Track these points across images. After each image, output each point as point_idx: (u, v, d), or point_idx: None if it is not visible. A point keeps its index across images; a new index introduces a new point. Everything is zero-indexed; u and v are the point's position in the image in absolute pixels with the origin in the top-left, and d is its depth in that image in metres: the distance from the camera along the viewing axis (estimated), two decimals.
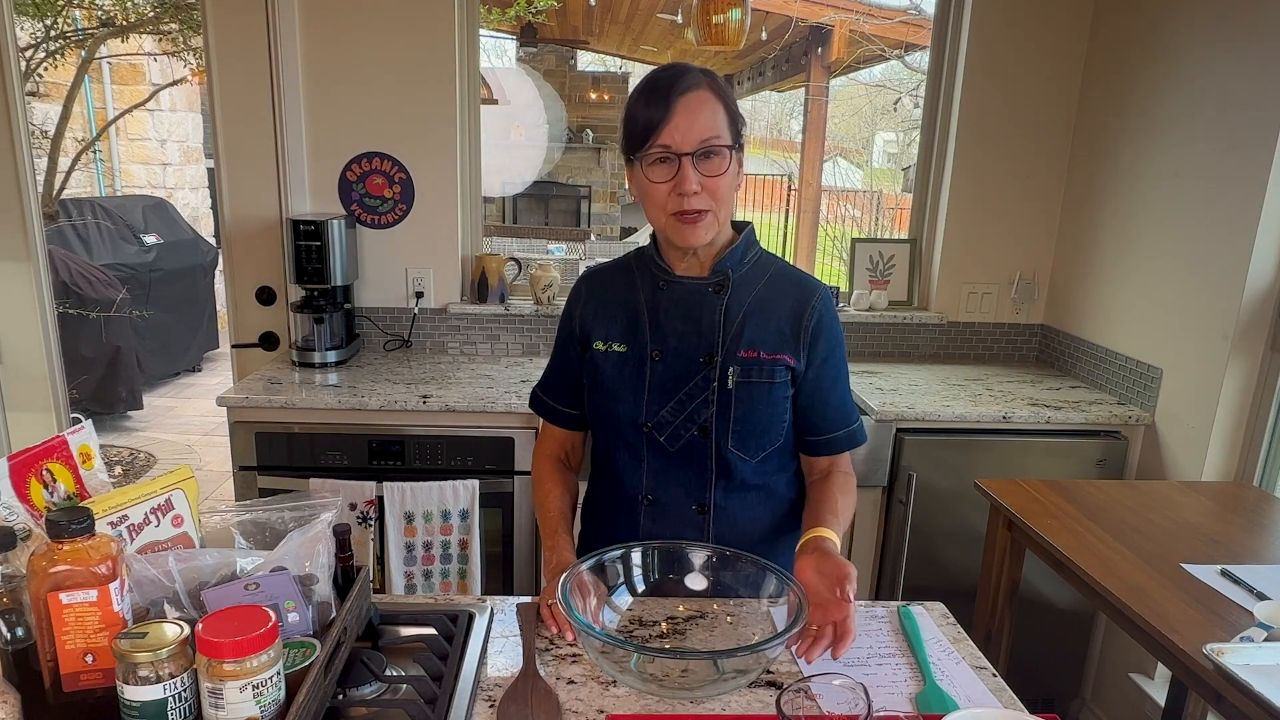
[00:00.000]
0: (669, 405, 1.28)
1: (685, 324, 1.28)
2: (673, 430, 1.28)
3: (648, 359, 1.28)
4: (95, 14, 5.29)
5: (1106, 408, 2.29)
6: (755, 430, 1.29)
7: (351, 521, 2.13)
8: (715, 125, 1.17)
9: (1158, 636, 1.30)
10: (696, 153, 1.17)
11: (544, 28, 8.00)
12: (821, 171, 7.29)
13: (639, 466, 1.32)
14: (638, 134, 1.19)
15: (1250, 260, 1.94)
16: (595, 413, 1.35)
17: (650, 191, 1.21)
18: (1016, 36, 2.57)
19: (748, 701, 1.02)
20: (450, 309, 2.69)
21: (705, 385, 1.27)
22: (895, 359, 2.79)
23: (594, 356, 1.32)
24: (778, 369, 1.28)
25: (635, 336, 1.30)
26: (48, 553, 0.81)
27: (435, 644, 1.08)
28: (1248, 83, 1.96)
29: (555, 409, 1.42)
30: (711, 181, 1.18)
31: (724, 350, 1.27)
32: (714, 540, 1.32)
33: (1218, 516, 1.74)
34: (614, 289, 1.35)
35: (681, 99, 1.16)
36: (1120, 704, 2.31)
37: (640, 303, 1.31)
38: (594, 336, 1.33)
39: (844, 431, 1.33)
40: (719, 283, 1.28)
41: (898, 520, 2.26)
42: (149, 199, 6.69)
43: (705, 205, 1.19)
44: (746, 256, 1.30)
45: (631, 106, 1.21)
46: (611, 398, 1.30)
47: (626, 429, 1.30)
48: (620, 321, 1.31)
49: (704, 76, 1.20)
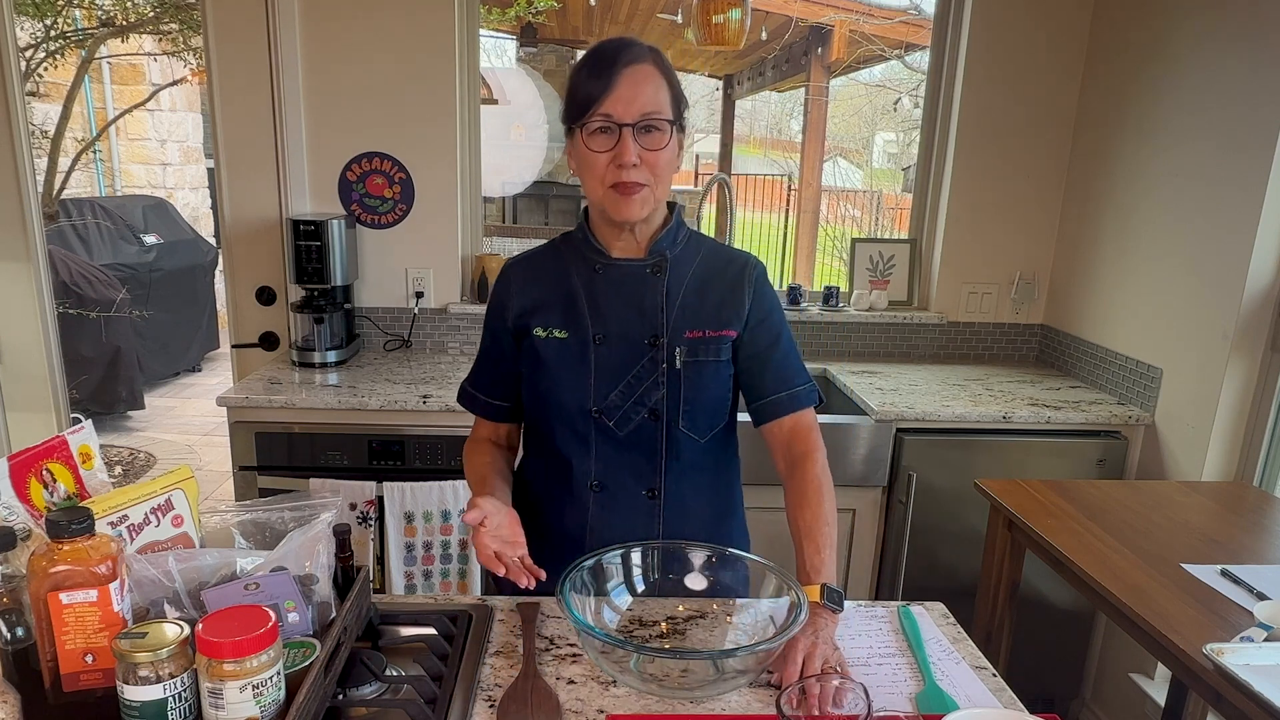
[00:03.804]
0: (617, 389, 1.26)
1: (626, 307, 1.27)
2: (622, 414, 1.27)
3: (590, 343, 1.26)
4: (95, 14, 5.29)
5: (1106, 408, 2.29)
6: (705, 409, 1.29)
7: (351, 521, 2.13)
8: (658, 100, 1.17)
9: (1158, 636, 1.30)
10: (638, 124, 1.16)
11: (544, 28, 7.99)
12: (821, 171, 7.29)
13: (587, 454, 1.29)
14: (579, 103, 1.18)
15: (1250, 260, 1.94)
16: (538, 401, 1.32)
17: (589, 161, 1.20)
18: (1016, 36, 2.57)
19: (748, 701, 1.02)
20: (450, 309, 2.69)
21: (654, 367, 1.26)
22: (895, 359, 2.79)
23: (534, 344, 1.29)
24: (723, 345, 1.28)
25: (575, 322, 1.28)
26: (48, 553, 0.81)
27: (435, 644, 1.08)
28: (1248, 82, 1.96)
29: (486, 402, 1.39)
30: (651, 155, 1.18)
31: (669, 331, 1.26)
32: (662, 525, 1.31)
33: (1218, 516, 1.74)
34: (546, 275, 1.32)
35: (625, 70, 1.16)
36: (1120, 704, 2.31)
37: (576, 287, 1.29)
38: (532, 324, 1.30)
39: (785, 393, 1.29)
40: (657, 264, 1.28)
41: (898, 520, 2.26)
42: (149, 199, 6.69)
43: (643, 179, 1.18)
44: (679, 236, 1.31)
45: (575, 76, 1.20)
46: (556, 384, 1.28)
47: (574, 415, 1.28)
48: (558, 308, 1.29)
49: (650, 52, 1.19)
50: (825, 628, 1.09)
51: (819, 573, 1.16)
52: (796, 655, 1.04)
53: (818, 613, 1.10)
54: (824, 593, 1.12)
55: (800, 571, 1.17)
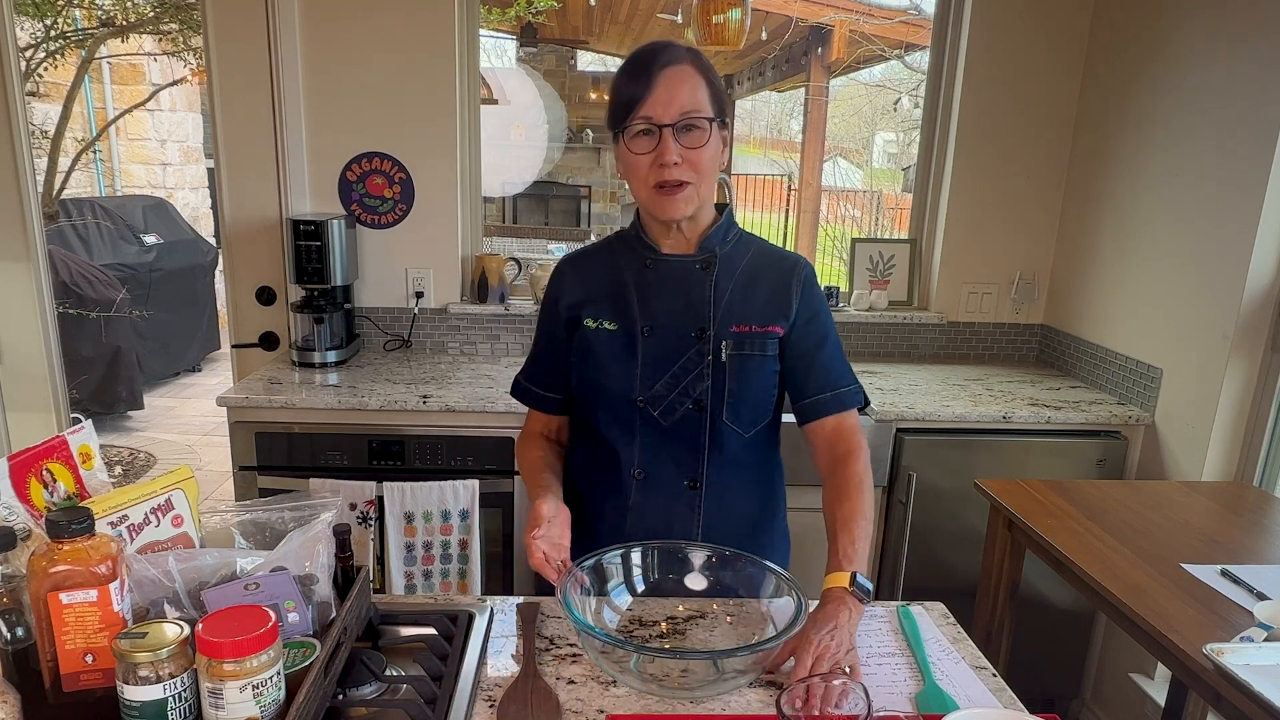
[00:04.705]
0: (663, 380, 1.29)
1: (674, 300, 1.29)
2: (667, 404, 1.29)
3: (638, 335, 1.29)
4: (95, 14, 5.29)
5: (1106, 408, 2.29)
6: (749, 403, 1.30)
7: (351, 521, 2.13)
8: (696, 99, 1.19)
9: (1158, 636, 1.30)
10: (677, 124, 1.18)
11: (544, 28, 8.00)
12: (821, 171, 7.30)
13: (631, 441, 1.32)
14: (620, 108, 1.21)
15: (1250, 260, 1.94)
16: (586, 388, 1.35)
17: (633, 164, 1.22)
18: (1016, 36, 2.57)
19: (748, 701, 1.02)
20: (450, 309, 2.69)
21: (699, 359, 1.28)
22: (895, 359, 2.79)
23: (584, 334, 1.33)
24: (769, 341, 1.29)
25: (624, 314, 1.31)
26: (48, 553, 0.81)
27: (435, 644, 1.08)
28: (1248, 82, 1.96)
29: (541, 395, 1.42)
30: (692, 154, 1.20)
31: (715, 324, 1.28)
32: (703, 516, 1.33)
33: (1218, 516, 1.74)
34: (598, 270, 1.36)
35: (663, 73, 1.19)
36: (1120, 704, 2.31)
37: (626, 282, 1.32)
38: (583, 316, 1.33)
39: (830, 394, 1.31)
40: (706, 260, 1.30)
41: (898, 520, 2.26)
42: (149, 199, 6.69)
43: (686, 177, 1.21)
44: (729, 235, 1.33)
45: (615, 83, 1.23)
46: (604, 373, 1.31)
47: (619, 404, 1.31)
48: (607, 300, 1.32)
49: (687, 53, 1.21)
50: (849, 619, 1.08)
51: (851, 561, 1.16)
52: (809, 655, 1.02)
53: (843, 600, 1.10)
54: (853, 580, 1.12)
55: (832, 559, 1.18)
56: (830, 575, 1.15)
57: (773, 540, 1.41)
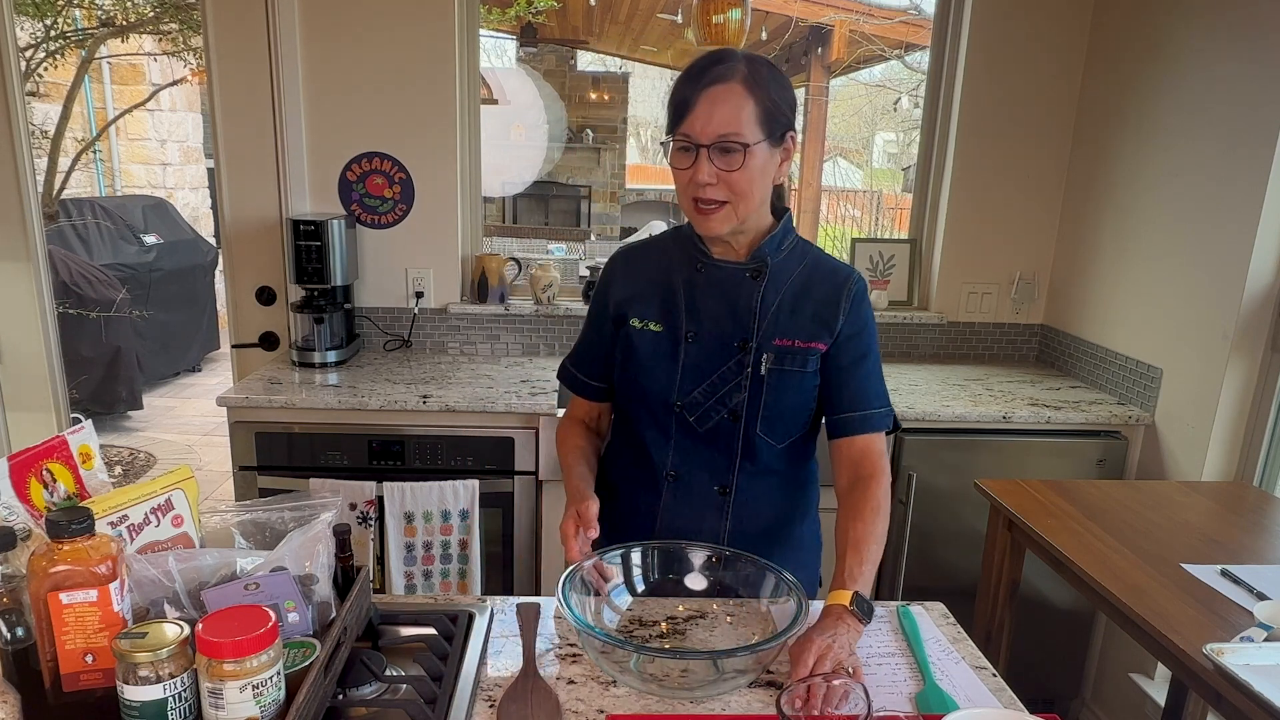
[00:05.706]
0: (701, 387, 1.29)
1: (721, 307, 1.29)
2: (703, 411, 1.30)
3: (682, 340, 1.30)
4: (95, 14, 5.28)
5: (1106, 408, 2.29)
6: (784, 417, 1.30)
7: (351, 521, 2.13)
8: (737, 120, 1.16)
9: (1158, 636, 1.30)
10: (713, 145, 1.17)
11: (544, 28, 8.00)
12: (821, 171, 7.29)
13: (666, 443, 1.33)
14: (669, 119, 1.22)
15: (1250, 260, 1.94)
16: (626, 387, 1.36)
17: (675, 176, 1.24)
18: (1016, 36, 2.57)
19: (748, 701, 1.02)
20: (450, 309, 2.69)
21: (739, 370, 1.28)
22: (895, 359, 2.79)
23: (629, 333, 1.33)
24: (810, 357, 1.29)
25: (671, 317, 1.31)
26: (48, 553, 0.81)
27: (435, 644, 1.08)
28: (1248, 82, 1.96)
29: (584, 382, 1.43)
30: (729, 175, 1.18)
31: (759, 336, 1.28)
32: (731, 521, 1.33)
33: (1218, 516, 1.74)
34: (649, 268, 1.35)
35: (706, 90, 1.17)
36: (1120, 704, 2.31)
37: (677, 283, 1.32)
38: (630, 314, 1.33)
39: (860, 413, 1.30)
40: (756, 269, 1.29)
41: (898, 520, 2.26)
42: (149, 199, 6.69)
43: (722, 196, 1.20)
44: (784, 243, 1.31)
45: (673, 87, 1.23)
46: (644, 374, 1.32)
47: (657, 406, 1.32)
48: (656, 301, 1.32)
49: (740, 69, 1.17)
50: (845, 634, 1.07)
51: (855, 580, 1.14)
52: (809, 655, 1.02)
53: (842, 617, 1.09)
54: (854, 599, 1.11)
55: (837, 577, 1.17)
56: (833, 592, 1.14)
57: (801, 542, 1.40)
